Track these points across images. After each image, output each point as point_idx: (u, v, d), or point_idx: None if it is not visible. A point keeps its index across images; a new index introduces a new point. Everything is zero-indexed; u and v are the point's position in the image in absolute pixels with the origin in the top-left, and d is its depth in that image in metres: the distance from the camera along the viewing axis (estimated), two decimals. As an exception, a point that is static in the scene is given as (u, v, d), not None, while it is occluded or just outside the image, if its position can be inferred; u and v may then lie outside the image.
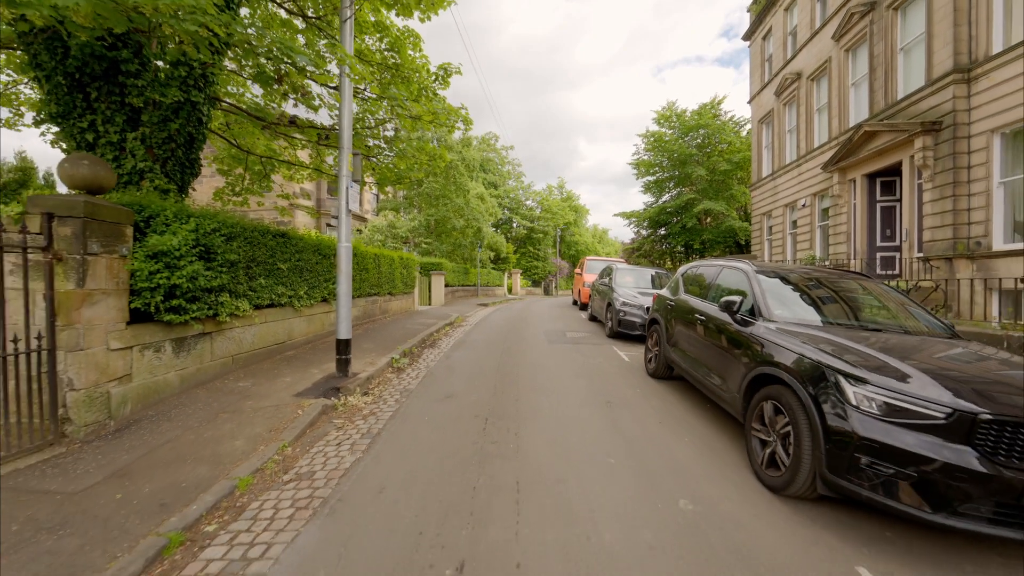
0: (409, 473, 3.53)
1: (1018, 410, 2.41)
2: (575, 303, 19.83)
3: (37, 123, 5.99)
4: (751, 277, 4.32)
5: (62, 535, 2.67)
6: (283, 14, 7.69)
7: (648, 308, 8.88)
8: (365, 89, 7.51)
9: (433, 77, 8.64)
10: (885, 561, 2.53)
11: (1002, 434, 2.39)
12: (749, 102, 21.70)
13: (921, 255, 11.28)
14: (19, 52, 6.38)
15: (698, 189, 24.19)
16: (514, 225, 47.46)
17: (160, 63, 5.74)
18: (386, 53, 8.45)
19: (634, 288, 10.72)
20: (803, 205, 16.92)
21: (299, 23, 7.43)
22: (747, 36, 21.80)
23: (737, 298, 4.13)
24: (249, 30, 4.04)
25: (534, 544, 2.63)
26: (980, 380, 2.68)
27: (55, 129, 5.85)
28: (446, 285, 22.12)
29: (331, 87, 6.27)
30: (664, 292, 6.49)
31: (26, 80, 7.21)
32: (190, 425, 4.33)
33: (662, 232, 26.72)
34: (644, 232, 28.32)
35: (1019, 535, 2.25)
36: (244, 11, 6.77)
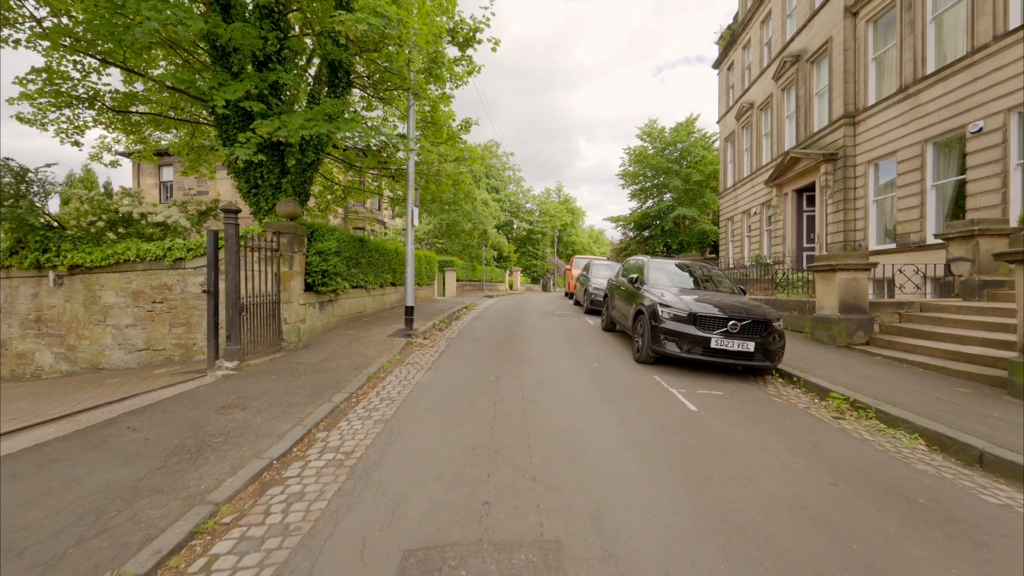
0: (465, 360, 7.12)
1: (715, 312, 5.96)
2: (567, 295, 23.31)
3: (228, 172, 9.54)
4: (645, 264, 7.94)
5: (325, 372, 6.25)
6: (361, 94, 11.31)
7: (612, 291, 12.47)
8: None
9: (458, 127, 12.22)
10: (668, 375, 6.12)
11: (705, 320, 5.94)
12: (718, 122, 25.23)
13: (826, 254, 14.79)
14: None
15: (675, 197, 27.79)
16: (515, 227, 51.08)
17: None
18: (426, 110, 12.05)
19: (605, 278, 14.24)
20: (754, 213, 20.43)
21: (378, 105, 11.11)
22: (715, 65, 25.32)
23: (636, 274, 7.74)
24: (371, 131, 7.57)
25: (526, 373, 6.23)
26: (711, 302, 6.21)
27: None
28: (456, 280, 25.72)
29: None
30: (612, 276, 10.09)
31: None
32: (340, 345, 7.91)
33: (646, 234, 30.28)
34: (631, 234, 31.90)
35: (709, 359, 5.83)
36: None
